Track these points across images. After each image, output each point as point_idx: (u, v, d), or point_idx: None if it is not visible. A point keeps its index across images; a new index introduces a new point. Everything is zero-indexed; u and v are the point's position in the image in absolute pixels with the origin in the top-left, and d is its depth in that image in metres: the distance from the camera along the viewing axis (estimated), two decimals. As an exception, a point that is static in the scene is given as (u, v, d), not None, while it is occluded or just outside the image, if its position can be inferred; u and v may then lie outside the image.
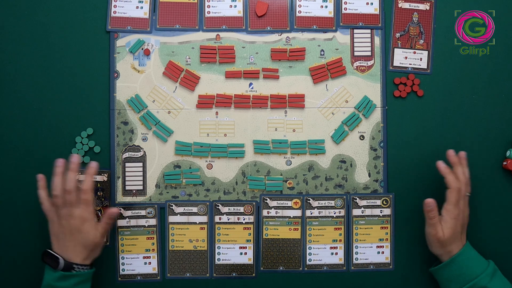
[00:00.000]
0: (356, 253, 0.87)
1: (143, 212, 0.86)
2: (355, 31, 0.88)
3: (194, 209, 0.86)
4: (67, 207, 0.76)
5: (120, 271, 0.85)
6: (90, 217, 0.77)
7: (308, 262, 0.86)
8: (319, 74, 0.87)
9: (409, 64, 0.87)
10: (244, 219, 0.86)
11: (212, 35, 0.87)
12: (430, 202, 0.77)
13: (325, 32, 0.87)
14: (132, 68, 0.86)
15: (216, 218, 0.86)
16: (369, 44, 0.88)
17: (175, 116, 0.86)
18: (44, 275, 0.77)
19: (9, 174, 0.85)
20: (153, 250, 0.86)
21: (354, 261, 0.87)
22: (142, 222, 0.86)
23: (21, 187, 0.85)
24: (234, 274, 0.86)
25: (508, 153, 0.86)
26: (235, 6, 0.87)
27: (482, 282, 0.76)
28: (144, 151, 0.86)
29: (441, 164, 0.79)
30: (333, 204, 0.87)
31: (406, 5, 0.88)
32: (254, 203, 0.86)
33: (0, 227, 0.85)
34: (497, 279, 0.77)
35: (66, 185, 0.76)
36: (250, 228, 0.86)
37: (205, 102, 0.87)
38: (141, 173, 0.86)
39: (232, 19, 0.87)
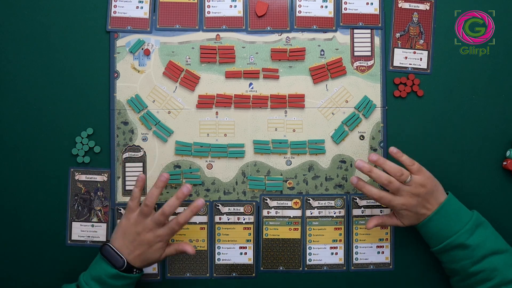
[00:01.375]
0: (356, 253, 0.87)
1: (143, 212, 0.86)
2: (355, 31, 0.88)
3: (194, 209, 0.86)
4: (153, 222, 0.77)
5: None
6: (166, 240, 0.78)
7: (308, 262, 0.86)
8: (319, 74, 0.87)
9: (409, 64, 0.87)
10: (244, 219, 0.86)
11: (212, 35, 0.87)
12: (369, 225, 0.80)
13: (325, 32, 0.87)
14: (132, 68, 0.86)
15: (216, 218, 0.86)
16: (369, 44, 0.88)
17: (175, 116, 0.86)
18: (94, 266, 0.77)
19: (9, 174, 0.85)
20: (153, 250, 0.86)
21: (354, 261, 0.87)
22: (142, 222, 0.86)
23: (21, 187, 0.85)
24: (234, 274, 0.86)
25: (508, 153, 0.86)
26: (235, 6, 0.87)
27: (460, 239, 0.75)
28: (144, 151, 0.86)
29: (360, 166, 0.77)
30: (333, 204, 0.87)
31: (406, 5, 0.88)
32: (254, 203, 0.86)
33: (0, 227, 0.85)
34: (479, 233, 0.76)
35: (168, 208, 0.76)
36: (250, 228, 0.86)
37: (205, 102, 0.87)
38: (141, 173, 0.86)
39: (232, 19, 0.87)
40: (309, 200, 0.87)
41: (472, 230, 0.76)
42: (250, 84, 0.87)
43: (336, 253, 0.87)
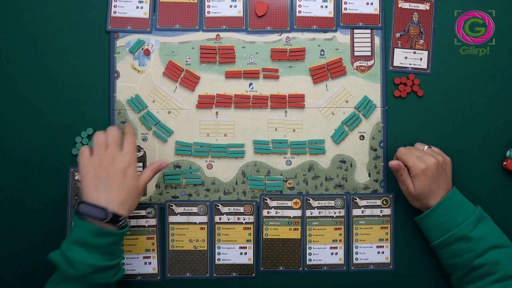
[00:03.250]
0: (356, 253, 0.87)
1: (143, 212, 0.86)
2: (355, 31, 0.88)
3: (194, 209, 0.86)
4: (111, 149, 0.74)
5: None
6: (134, 162, 0.75)
7: (308, 262, 0.86)
8: (319, 74, 0.87)
9: (409, 64, 0.87)
10: (244, 219, 0.86)
11: (212, 35, 0.87)
12: (393, 165, 0.80)
13: (325, 32, 0.87)
14: (132, 68, 0.86)
15: (216, 218, 0.86)
16: (369, 44, 0.88)
17: (175, 116, 0.86)
18: (73, 230, 0.71)
19: (9, 174, 0.85)
20: (153, 250, 0.86)
21: (354, 261, 0.87)
22: (142, 222, 0.86)
23: (21, 187, 0.85)
24: (234, 274, 0.86)
25: (508, 153, 0.86)
26: (235, 6, 0.87)
27: (463, 231, 0.76)
28: (144, 151, 0.86)
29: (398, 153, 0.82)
30: (333, 204, 0.87)
31: (406, 5, 0.88)
32: (254, 203, 0.86)
33: (0, 227, 0.85)
34: (481, 227, 0.77)
35: (111, 129, 0.76)
36: (250, 228, 0.86)
37: (205, 102, 0.87)
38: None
39: (232, 19, 0.87)
40: (309, 200, 0.87)
41: (475, 223, 0.76)
42: (250, 84, 0.87)
43: (336, 253, 0.87)
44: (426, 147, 0.82)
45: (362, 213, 0.87)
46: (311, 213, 0.87)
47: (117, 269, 0.75)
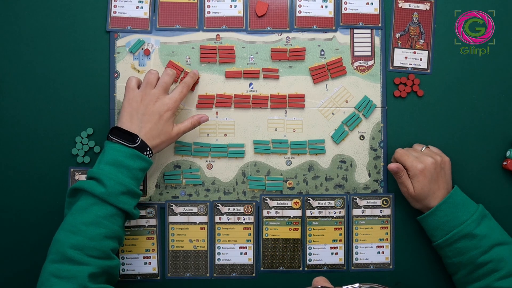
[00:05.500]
0: (356, 253, 0.87)
1: (143, 212, 0.86)
2: (355, 31, 0.88)
3: (194, 209, 0.86)
4: (159, 89, 0.77)
5: (120, 271, 0.85)
6: (173, 108, 0.78)
7: (308, 262, 0.86)
8: (319, 74, 0.87)
9: (409, 64, 0.87)
10: (244, 219, 0.86)
11: (212, 35, 0.87)
12: (392, 167, 0.79)
13: (325, 32, 0.87)
14: (132, 68, 0.86)
15: (216, 218, 0.86)
16: (369, 44, 0.88)
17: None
18: (105, 152, 0.74)
19: (9, 174, 0.85)
20: (153, 250, 0.86)
21: (354, 261, 0.87)
22: (142, 222, 0.86)
23: (21, 187, 0.85)
24: (234, 274, 0.86)
25: (508, 153, 0.86)
26: (235, 6, 0.87)
27: (468, 229, 0.76)
28: (144, 151, 0.86)
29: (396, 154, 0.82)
30: (333, 204, 0.87)
31: (406, 5, 0.88)
32: (254, 203, 0.86)
33: (0, 227, 0.85)
34: (485, 224, 0.77)
35: (166, 72, 0.79)
36: (250, 228, 0.86)
37: (205, 102, 0.87)
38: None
39: (232, 19, 0.87)
40: (309, 200, 0.87)
41: (479, 220, 0.77)
42: (250, 84, 0.87)
43: (336, 253, 0.87)
44: (424, 147, 0.83)
45: (362, 213, 0.87)
46: (311, 213, 0.87)
47: (136, 208, 0.76)
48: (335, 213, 0.87)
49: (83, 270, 0.67)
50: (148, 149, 0.76)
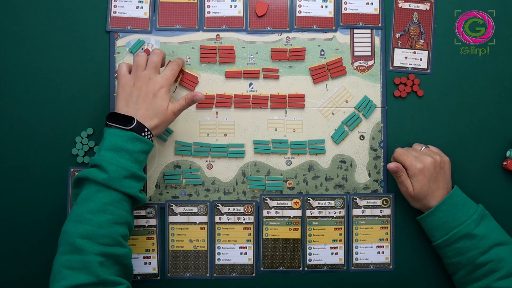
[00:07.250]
0: (356, 253, 0.87)
1: (143, 212, 0.86)
2: (355, 31, 0.88)
3: (194, 209, 0.86)
4: (149, 70, 0.78)
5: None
6: (166, 85, 0.78)
7: (308, 262, 0.86)
8: (319, 74, 0.87)
9: (409, 64, 0.87)
10: (244, 219, 0.86)
11: (212, 35, 0.87)
12: (392, 167, 0.79)
13: (325, 32, 0.87)
14: (132, 68, 0.86)
15: (216, 218, 0.86)
16: (369, 44, 0.88)
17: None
18: (104, 139, 0.74)
19: (9, 174, 0.85)
20: (153, 250, 0.86)
21: (354, 261, 0.87)
22: (142, 222, 0.86)
23: (21, 187, 0.85)
24: (234, 274, 0.86)
25: (508, 153, 0.86)
26: (235, 6, 0.87)
27: (467, 229, 0.76)
28: (144, 151, 0.86)
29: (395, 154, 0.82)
30: (333, 204, 0.87)
31: (406, 5, 0.88)
32: (254, 203, 0.86)
33: (0, 227, 0.85)
34: (484, 224, 0.77)
35: (154, 51, 0.79)
36: (250, 228, 0.86)
37: (205, 102, 0.87)
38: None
39: (232, 19, 0.87)
40: (309, 200, 0.87)
41: (479, 221, 0.77)
42: (250, 84, 0.87)
43: (336, 253, 0.87)
44: (423, 147, 0.83)
45: (362, 213, 0.87)
46: (311, 213, 0.87)
47: (142, 192, 0.76)
48: (335, 213, 0.87)
49: (94, 260, 0.67)
50: (146, 129, 0.75)
